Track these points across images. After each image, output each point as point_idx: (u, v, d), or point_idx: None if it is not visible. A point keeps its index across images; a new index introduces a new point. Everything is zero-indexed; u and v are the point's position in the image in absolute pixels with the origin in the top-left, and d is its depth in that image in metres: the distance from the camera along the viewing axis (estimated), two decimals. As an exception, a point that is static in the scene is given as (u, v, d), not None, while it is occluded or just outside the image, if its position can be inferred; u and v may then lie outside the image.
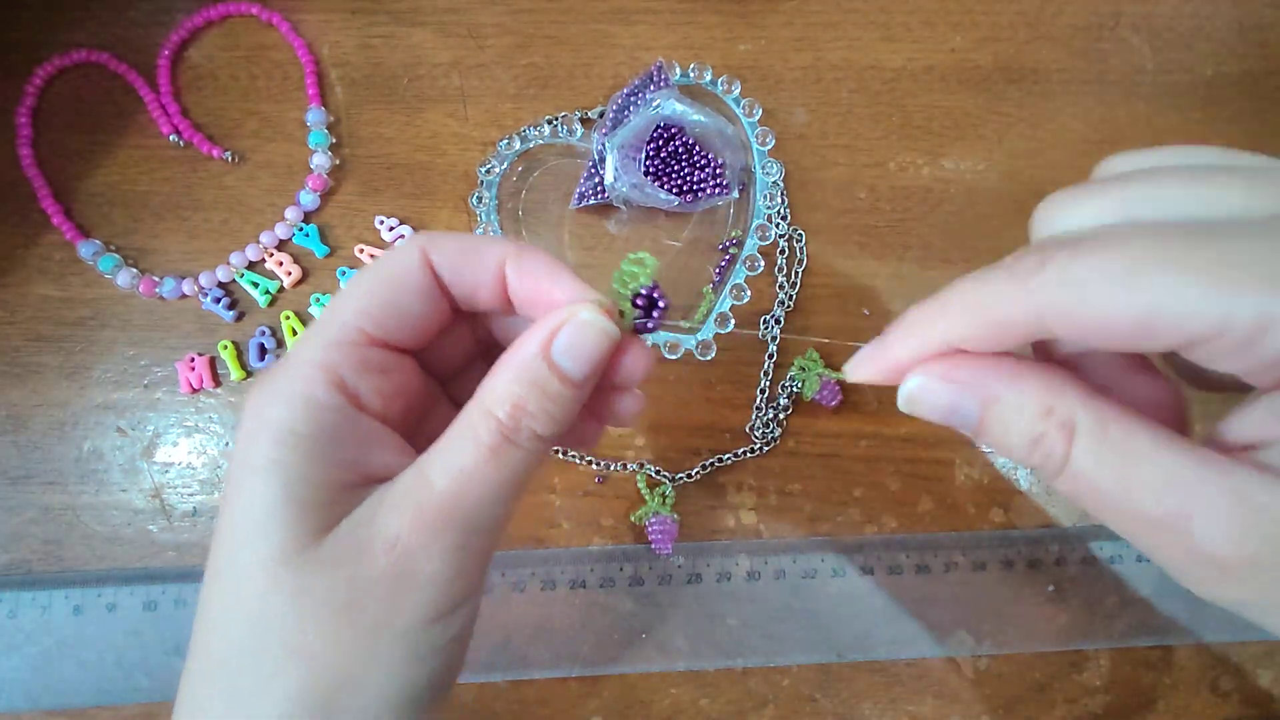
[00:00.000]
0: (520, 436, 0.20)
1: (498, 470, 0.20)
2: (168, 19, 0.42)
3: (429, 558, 0.20)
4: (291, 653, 0.20)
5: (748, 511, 0.39)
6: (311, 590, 0.20)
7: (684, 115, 0.40)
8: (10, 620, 0.36)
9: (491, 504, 0.21)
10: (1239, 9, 0.45)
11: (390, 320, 0.22)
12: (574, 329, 0.21)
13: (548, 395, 0.21)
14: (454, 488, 0.20)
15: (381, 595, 0.20)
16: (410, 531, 0.20)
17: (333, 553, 0.20)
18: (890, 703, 0.37)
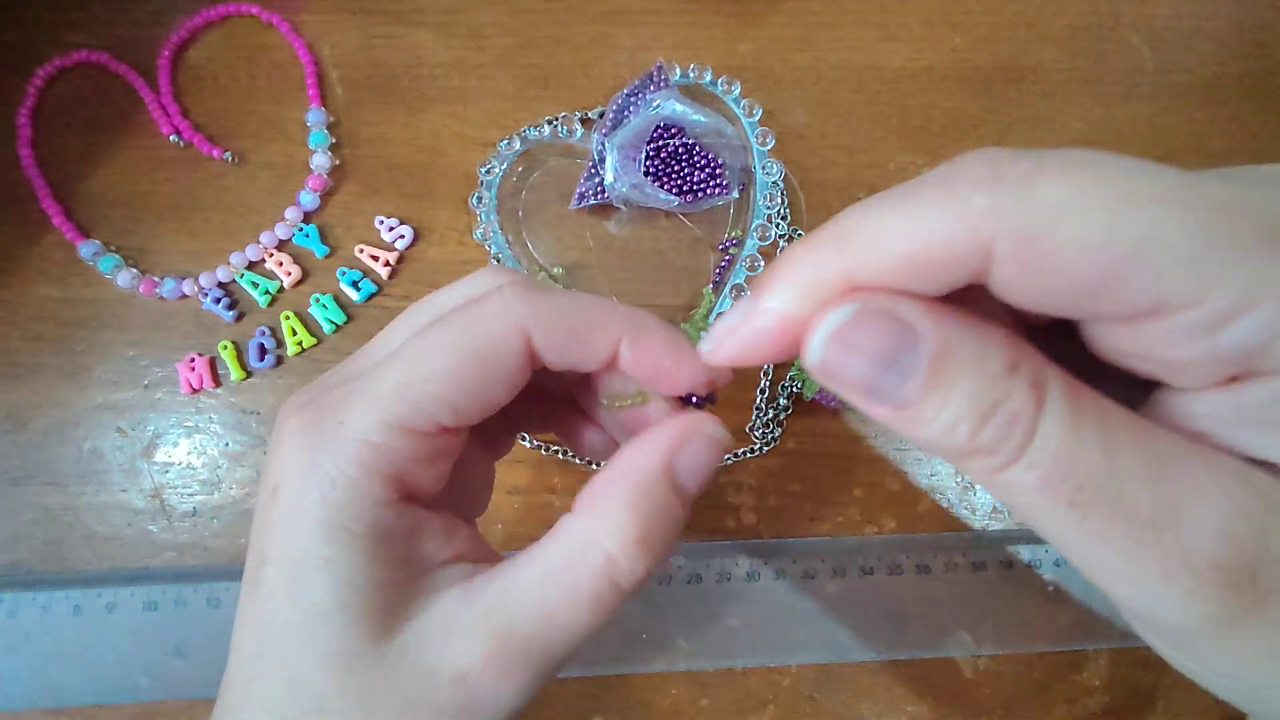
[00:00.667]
0: (630, 580, 0.18)
1: (593, 618, 0.18)
2: (168, 19, 0.42)
3: (498, 693, 0.18)
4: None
5: (747, 511, 0.39)
6: (374, 697, 0.18)
7: (684, 115, 0.40)
8: (10, 620, 0.36)
9: (573, 646, 0.19)
10: (1239, 9, 0.45)
11: (473, 409, 0.19)
12: (703, 447, 0.19)
13: (672, 522, 0.18)
14: (539, 635, 0.18)
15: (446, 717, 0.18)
16: (484, 667, 0.18)
17: (398, 666, 0.18)
18: (890, 703, 0.37)
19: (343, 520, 0.18)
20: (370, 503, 0.18)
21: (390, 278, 0.40)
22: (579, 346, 0.19)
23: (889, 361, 0.14)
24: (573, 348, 0.19)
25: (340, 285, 0.40)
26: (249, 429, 0.39)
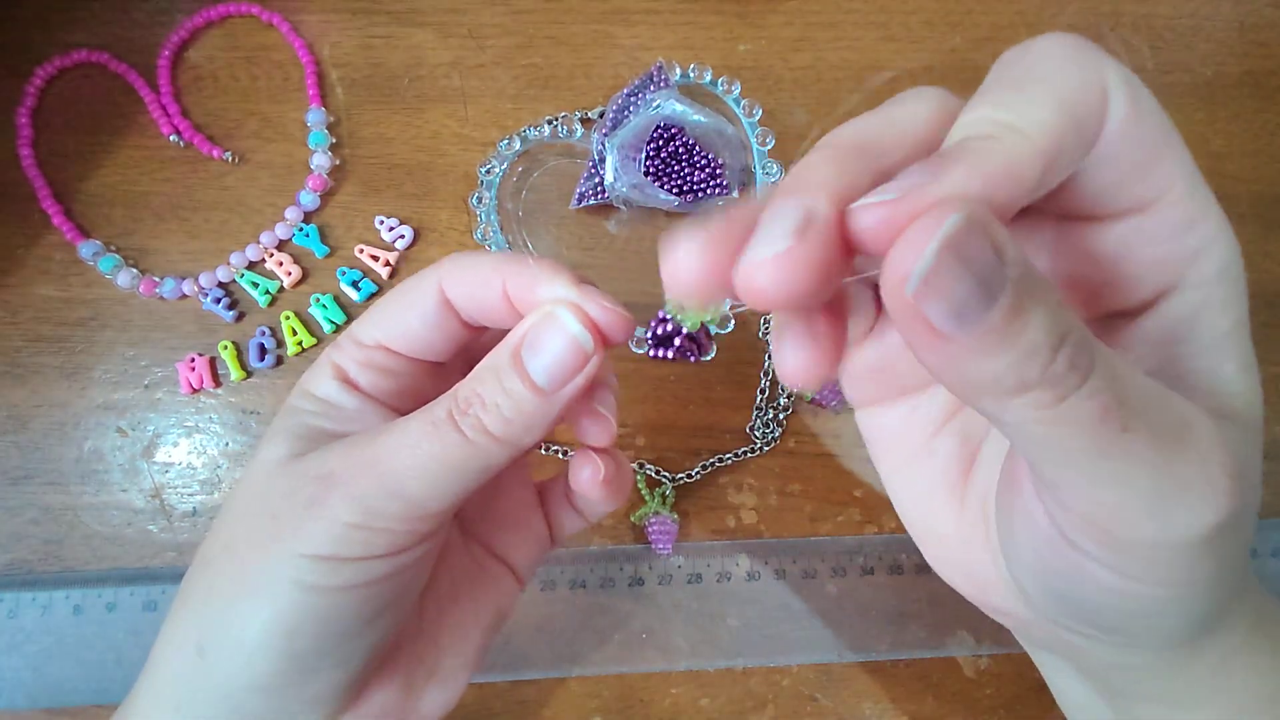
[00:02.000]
0: (465, 422, 0.20)
1: (432, 444, 0.20)
2: (168, 19, 0.42)
3: (342, 497, 0.20)
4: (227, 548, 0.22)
5: (748, 511, 0.39)
6: (265, 496, 0.22)
7: (684, 115, 0.40)
8: (10, 620, 0.36)
9: (416, 474, 0.20)
10: (1239, 9, 0.45)
11: (403, 340, 0.23)
12: (543, 328, 0.20)
13: (504, 390, 0.20)
14: (389, 444, 0.21)
15: (299, 515, 0.21)
16: (340, 470, 0.21)
17: (291, 469, 0.22)
18: (890, 703, 0.37)
19: (307, 385, 0.24)
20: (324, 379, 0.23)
21: (390, 278, 0.40)
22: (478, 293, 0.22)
23: (984, 282, 0.13)
24: (474, 294, 0.22)
25: (340, 285, 0.40)
26: (249, 429, 0.39)
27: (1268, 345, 0.40)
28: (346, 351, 0.24)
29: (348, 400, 0.23)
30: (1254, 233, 0.42)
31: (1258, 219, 0.42)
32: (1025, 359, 0.14)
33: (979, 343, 0.14)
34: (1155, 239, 0.17)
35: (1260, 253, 0.42)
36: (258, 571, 0.21)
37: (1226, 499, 0.15)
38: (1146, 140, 0.16)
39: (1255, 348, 0.20)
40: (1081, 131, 0.15)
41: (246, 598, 0.21)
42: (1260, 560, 0.38)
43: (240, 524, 0.22)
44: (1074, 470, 0.15)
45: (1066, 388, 0.14)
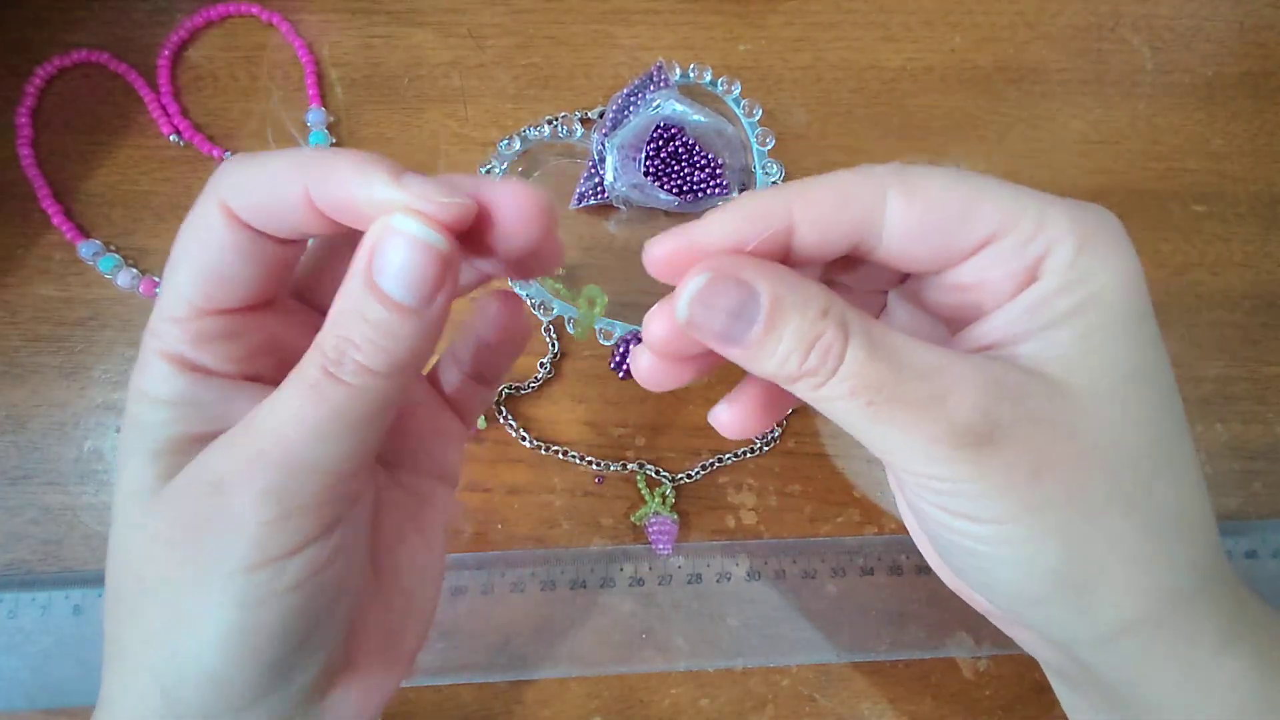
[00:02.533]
0: (344, 371, 0.18)
1: (318, 407, 0.18)
2: (168, 19, 0.42)
3: (247, 499, 0.19)
4: (142, 593, 0.20)
5: (748, 511, 0.39)
6: (153, 531, 0.20)
7: (684, 115, 0.40)
8: (10, 620, 0.36)
9: (315, 444, 0.19)
10: (1239, 9, 0.45)
11: (216, 290, 0.20)
12: (388, 244, 0.18)
13: (371, 323, 0.18)
14: (273, 427, 0.19)
15: (208, 536, 0.19)
16: (230, 472, 0.19)
17: (170, 493, 0.20)
18: (890, 703, 0.37)
19: (145, 388, 0.21)
20: (163, 376, 0.20)
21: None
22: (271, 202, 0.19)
23: (737, 314, 0.19)
24: (267, 204, 0.19)
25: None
26: (249, 429, 0.39)
27: (1267, 345, 0.40)
28: (169, 335, 0.20)
29: (203, 391, 0.21)
30: (1254, 233, 0.42)
31: (1258, 219, 0.42)
32: (786, 359, 0.19)
33: (750, 352, 0.19)
34: (1000, 262, 0.20)
35: (1260, 253, 0.42)
36: (198, 606, 0.19)
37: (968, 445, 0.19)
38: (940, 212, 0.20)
39: (1255, 348, 0.20)
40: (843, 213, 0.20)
41: (198, 634, 0.19)
42: (1260, 560, 0.38)
43: (149, 566, 0.20)
44: (857, 432, 0.20)
45: (822, 376, 0.19)
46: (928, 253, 0.20)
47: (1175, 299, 0.41)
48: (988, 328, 0.21)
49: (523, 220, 0.20)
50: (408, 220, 0.18)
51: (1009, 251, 0.20)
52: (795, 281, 0.19)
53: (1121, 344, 0.20)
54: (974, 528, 0.20)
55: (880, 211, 0.20)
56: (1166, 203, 0.43)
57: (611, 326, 0.38)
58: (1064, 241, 0.19)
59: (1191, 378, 0.40)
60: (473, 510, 0.38)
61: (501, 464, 0.39)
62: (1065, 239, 0.19)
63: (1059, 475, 0.19)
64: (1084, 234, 0.20)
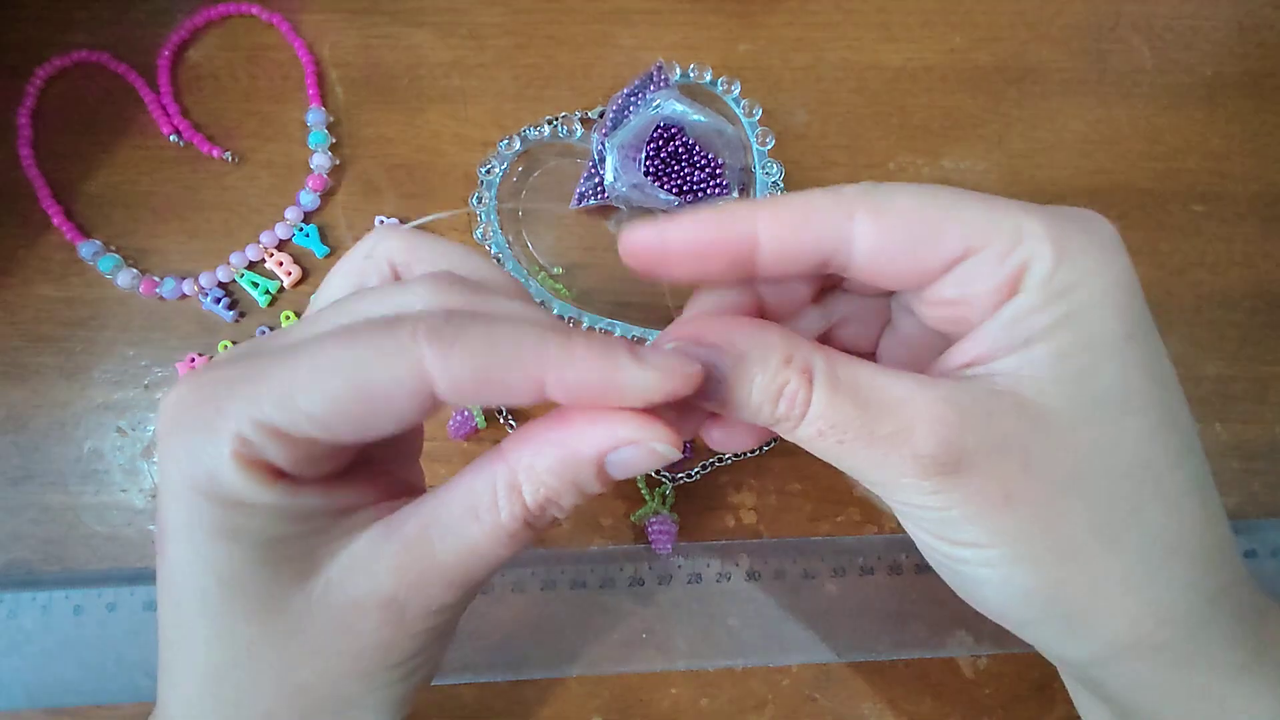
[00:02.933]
0: (542, 523, 0.20)
1: (509, 551, 0.20)
2: (168, 19, 0.42)
3: (424, 615, 0.20)
4: (287, 688, 0.20)
5: (748, 511, 0.39)
6: (304, 635, 0.20)
7: (684, 115, 0.40)
8: (10, 620, 0.36)
9: (492, 572, 0.20)
10: (1239, 9, 0.45)
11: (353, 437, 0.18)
12: (643, 454, 0.19)
13: (584, 494, 0.20)
14: (460, 564, 0.20)
15: (376, 642, 0.20)
16: (408, 594, 0.20)
17: (325, 602, 0.20)
18: (890, 703, 0.37)
19: (236, 498, 0.18)
20: (256, 486, 0.18)
21: (390, 278, 0.40)
22: (493, 393, 0.18)
23: (708, 376, 0.20)
24: (485, 395, 0.18)
25: (340, 285, 0.40)
26: (249, 429, 0.39)
27: (1267, 345, 0.40)
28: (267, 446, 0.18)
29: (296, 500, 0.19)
30: (1254, 233, 0.42)
31: (1257, 219, 0.42)
32: (758, 410, 0.20)
33: (728, 408, 0.20)
34: (979, 277, 0.20)
35: (1260, 253, 0.42)
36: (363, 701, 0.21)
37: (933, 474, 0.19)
38: (907, 232, 0.20)
39: (1255, 348, 0.20)
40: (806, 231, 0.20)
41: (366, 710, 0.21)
42: (1260, 560, 0.38)
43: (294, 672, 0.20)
44: (838, 465, 0.21)
45: (793, 421, 0.20)
46: (899, 271, 0.20)
47: (1175, 299, 0.41)
48: (970, 344, 0.20)
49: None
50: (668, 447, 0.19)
51: (986, 266, 0.19)
52: (757, 333, 0.20)
53: (1102, 365, 0.19)
54: (956, 550, 0.20)
55: (847, 231, 0.20)
56: (1166, 203, 0.43)
57: (612, 326, 0.38)
58: (1042, 254, 0.19)
59: (1191, 377, 0.40)
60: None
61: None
62: (1043, 251, 0.19)
63: (1031, 503, 0.19)
64: (1064, 245, 0.19)
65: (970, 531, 0.20)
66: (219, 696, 0.20)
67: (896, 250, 0.20)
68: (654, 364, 0.18)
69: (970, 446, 0.19)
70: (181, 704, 0.21)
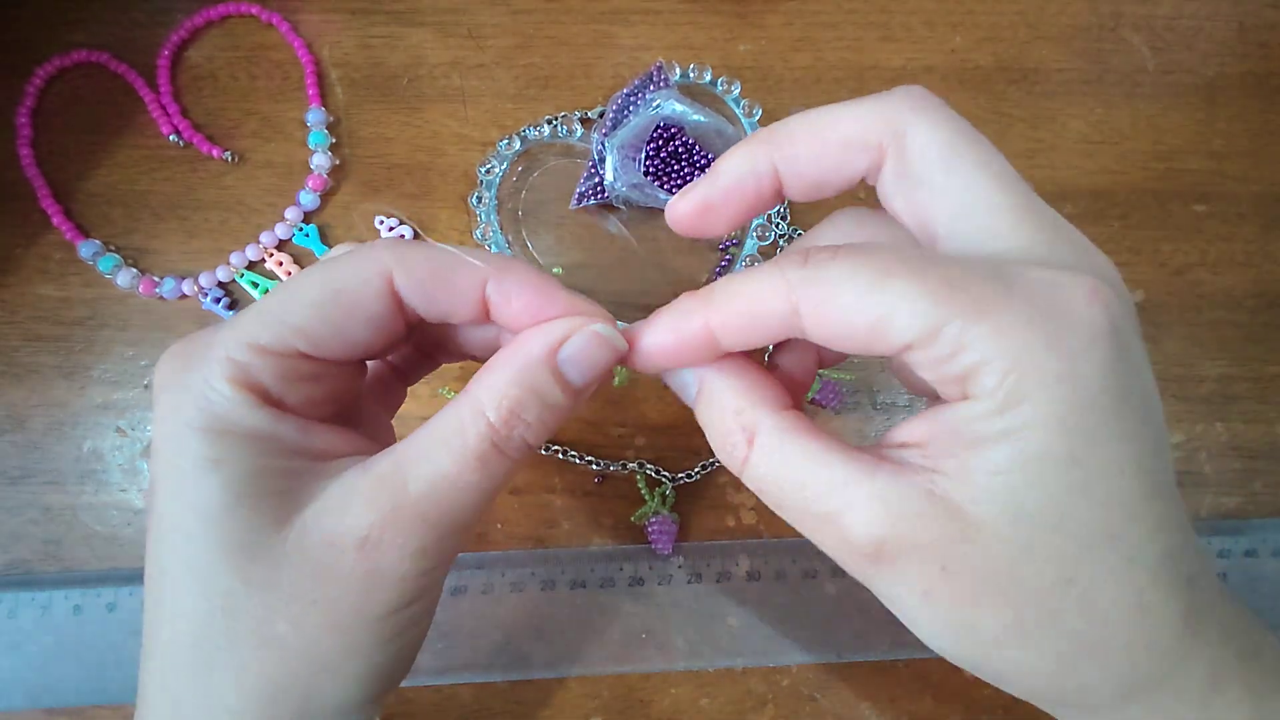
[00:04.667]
0: (511, 445, 0.20)
1: (481, 478, 0.20)
2: (168, 19, 0.42)
3: (400, 557, 0.20)
4: (263, 642, 0.20)
5: (748, 511, 0.39)
6: (280, 583, 0.20)
7: (684, 115, 0.40)
8: (10, 620, 0.36)
9: (468, 509, 0.20)
10: (1239, 9, 0.45)
11: (333, 342, 0.21)
12: (586, 340, 0.21)
13: (547, 404, 0.20)
14: (432, 493, 0.20)
15: (353, 589, 0.20)
16: (382, 530, 0.20)
17: (300, 545, 0.20)
18: (890, 703, 0.37)
19: (222, 425, 0.20)
20: (245, 407, 0.20)
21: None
22: (443, 292, 0.21)
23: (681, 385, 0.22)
24: (437, 293, 0.21)
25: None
26: (249, 429, 0.39)
27: (1268, 345, 0.40)
28: (254, 365, 0.20)
29: (283, 427, 0.20)
30: (1254, 232, 0.42)
31: (1258, 219, 0.42)
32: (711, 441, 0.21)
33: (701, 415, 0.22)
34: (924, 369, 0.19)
35: (1260, 253, 0.42)
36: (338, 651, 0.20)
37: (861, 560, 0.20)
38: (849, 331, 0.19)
39: (1257, 347, 0.20)
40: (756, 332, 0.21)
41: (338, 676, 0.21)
42: (1260, 560, 0.38)
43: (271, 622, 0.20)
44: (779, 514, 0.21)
45: (736, 469, 0.21)
46: (851, 350, 0.20)
47: (1176, 299, 0.41)
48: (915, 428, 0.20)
49: None
50: (607, 326, 0.21)
51: (927, 365, 0.19)
52: (724, 374, 0.21)
53: (1035, 486, 0.18)
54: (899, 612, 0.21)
55: (796, 320, 0.20)
56: (1167, 202, 0.43)
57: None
58: (991, 365, 0.18)
59: (1192, 377, 0.40)
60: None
61: (501, 464, 0.39)
62: (992, 363, 0.18)
63: (947, 602, 0.19)
64: (1019, 355, 0.18)
65: (901, 607, 0.20)
66: (194, 660, 0.20)
67: (842, 343, 0.20)
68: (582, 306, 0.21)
69: (892, 545, 0.19)
70: (159, 671, 0.21)
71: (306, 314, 0.20)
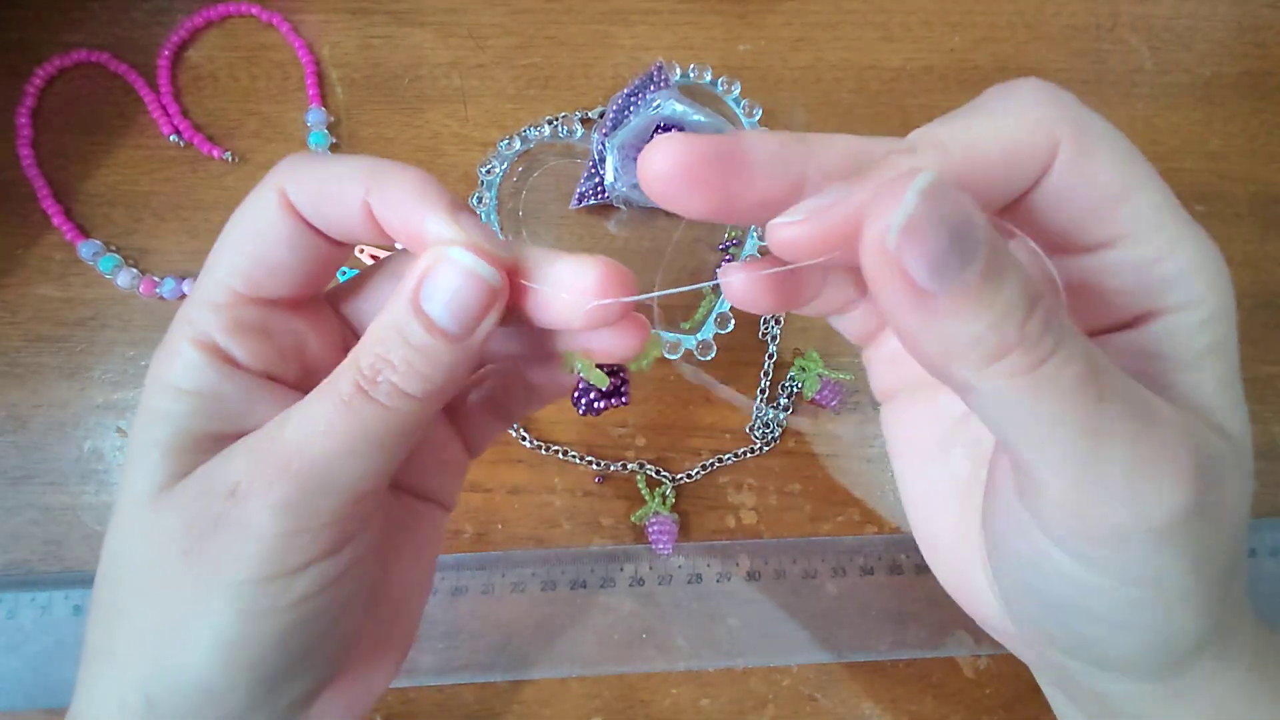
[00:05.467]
0: (379, 390, 0.18)
1: (349, 424, 0.18)
2: (168, 19, 0.42)
3: (260, 508, 0.18)
4: (139, 594, 0.20)
5: (748, 511, 0.39)
6: (159, 531, 0.19)
7: (684, 115, 0.40)
8: (10, 620, 0.36)
9: (339, 460, 0.18)
10: (1238, 9, 0.45)
11: (259, 272, 0.20)
12: (440, 271, 0.18)
13: (412, 346, 0.18)
14: (298, 438, 0.18)
15: (216, 542, 0.19)
16: (249, 479, 0.18)
17: (183, 496, 0.19)
18: (890, 702, 0.37)
19: (169, 378, 0.20)
20: (191, 365, 0.20)
21: (390, 278, 0.40)
22: (329, 204, 0.20)
23: (960, 238, 0.14)
24: (324, 205, 0.20)
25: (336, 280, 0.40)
26: (249, 429, 0.39)
27: (1267, 345, 0.40)
28: (204, 320, 0.20)
29: (229, 385, 0.20)
30: (1253, 232, 0.42)
31: (1256, 219, 0.42)
32: (1003, 319, 0.15)
33: (958, 302, 0.14)
34: (1119, 272, 0.17)
35: (1260, 253, 0.42)
36: (197, 614, 0.19)
37: (1191, 486, 0.16)
38: (1100, 183, 0.17)
39: (1255, 347, 0.20)
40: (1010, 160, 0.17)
41: (194, 643, 0.19)
42: (1260, 560, 0.38)
43: (149, 570, 0.19)
44: (1051, 446, 0.16)
45: (1042, 351, 0.15)
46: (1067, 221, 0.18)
47: (1174, 299, 0.41)
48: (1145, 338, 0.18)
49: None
50: (464, 253, 0.18)
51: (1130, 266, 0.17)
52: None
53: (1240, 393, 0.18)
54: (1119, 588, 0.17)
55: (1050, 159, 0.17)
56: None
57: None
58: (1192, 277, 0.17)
59: (1191, 377, 0.40)
60: (473, 510, 0.38)
61: (501, 464, 0.39)
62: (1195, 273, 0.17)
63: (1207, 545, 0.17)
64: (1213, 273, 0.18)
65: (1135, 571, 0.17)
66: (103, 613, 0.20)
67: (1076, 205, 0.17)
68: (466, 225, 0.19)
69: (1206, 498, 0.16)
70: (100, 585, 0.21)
71: (231, 252, 0.20)
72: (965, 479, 0.23)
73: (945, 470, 0.24)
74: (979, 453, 0.23)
